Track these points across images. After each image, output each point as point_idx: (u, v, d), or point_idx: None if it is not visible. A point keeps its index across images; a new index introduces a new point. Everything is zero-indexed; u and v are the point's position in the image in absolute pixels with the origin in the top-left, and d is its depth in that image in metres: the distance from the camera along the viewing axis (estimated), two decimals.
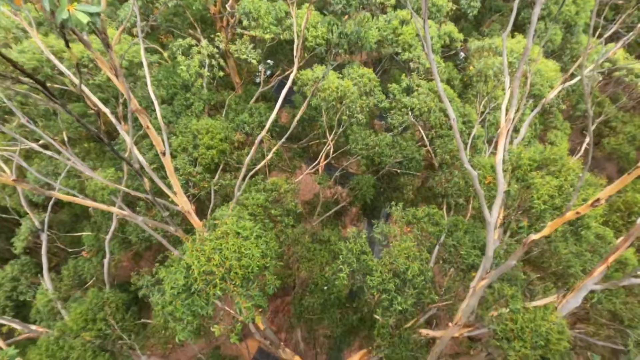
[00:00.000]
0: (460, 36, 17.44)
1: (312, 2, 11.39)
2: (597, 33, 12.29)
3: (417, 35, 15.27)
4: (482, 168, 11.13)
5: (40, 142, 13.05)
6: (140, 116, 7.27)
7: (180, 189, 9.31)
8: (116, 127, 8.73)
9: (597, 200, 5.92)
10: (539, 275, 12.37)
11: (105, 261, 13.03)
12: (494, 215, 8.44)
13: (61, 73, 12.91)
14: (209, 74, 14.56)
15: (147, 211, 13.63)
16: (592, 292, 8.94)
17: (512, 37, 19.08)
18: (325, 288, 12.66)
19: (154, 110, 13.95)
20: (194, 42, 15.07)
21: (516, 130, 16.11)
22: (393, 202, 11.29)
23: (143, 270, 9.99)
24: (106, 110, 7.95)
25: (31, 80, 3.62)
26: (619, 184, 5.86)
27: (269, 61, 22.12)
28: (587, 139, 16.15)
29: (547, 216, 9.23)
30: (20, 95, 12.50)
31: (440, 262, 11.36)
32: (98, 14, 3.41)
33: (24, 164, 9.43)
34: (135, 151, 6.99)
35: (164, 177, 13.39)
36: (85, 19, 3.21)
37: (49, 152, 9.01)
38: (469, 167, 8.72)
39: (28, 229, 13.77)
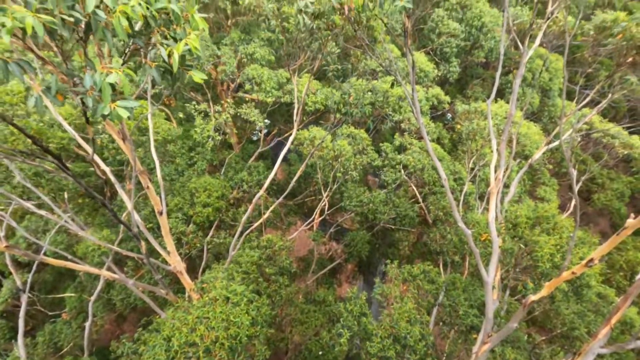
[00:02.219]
0: (447, 98, 18.66)
1: (312, 73, 12.33)
2: (575, 100, 13.28)
3: (405, 98, 16.31)
4: (475, 225, 11.24)
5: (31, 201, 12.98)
6: (142, 177, 7.42)
7: (174, 248, 9.18)
8: (113, 184, 8.84)
9: (591, 260, 5.96)
10: (544, 338, 11.89)
11: (87, 324, 12.28)
12: (491, 275, 8.35)
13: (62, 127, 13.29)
14: (219, 137, 15.23)
15: (135, 271, 13.21)
16: (600, 356, 8.55)
17: (495, 101, 20.46)
18: (320, 354, 11.91)
19: (154, 168, 14.27)
20: (206, 106, 15.98)
21: (506, 186, 16.59)
22: (389, 260, 11.16)
23: (124, 336, 9.40)
24: (113, 178, 8.09)
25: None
26: (610, 244, 5.96)
27: (266, 120, 23.18)
28: (574, 200, 16.58)
29: (551, 275, 9.16)
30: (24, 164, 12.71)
31: (440, 324, 10.93)
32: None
33: (15, 224, 9.31)
34: (136, 216, 7.01)
35: (157, 236, 13.23)
36: (125, 114, 3.46)
37: (43, 212, 8.96)
38: (462, 226, 8.83)
39: (9, 290, 13.13)
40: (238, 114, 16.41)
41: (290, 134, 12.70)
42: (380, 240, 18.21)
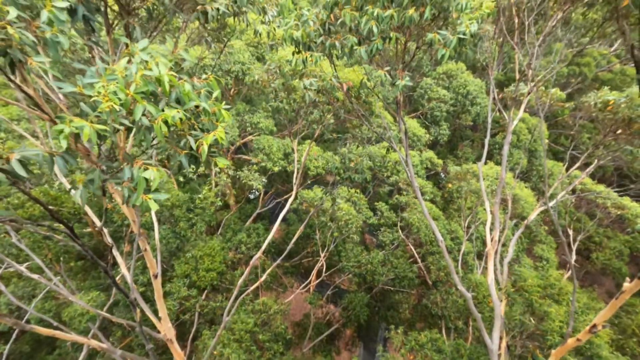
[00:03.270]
0: (440, 162, 19.42)
1: (313, 139, 13.01)
2: (565, 163, 13.86)
3: (401, 161, 16.94)
4: (476, 288, 11.05)
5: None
6: (140, 240, 7.45)
7: (166, 314, 8.84)
8: (112, 246, 8.77)
9: (594, 326, 5.85)
10: None
11: None
12: (495, 342, 8.04)
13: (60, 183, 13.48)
14: (220, 202, 15.51)
15: (122, 339, 12.51)
16: None
17: (485, 163, 21.26)
18: None
19: (151, 228, 14.24)
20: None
21: (504, 244, 16.56)
22: (392, 326, 10.73)
23: None
24: (116, 252, 8.12)
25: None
26: (611, 309, 5.90)
27: (264, 180, 23.70)
28: (573, 258, 16.48)
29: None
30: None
31: None
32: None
33: (4, 289, 9.05)
34: (133, 286, 6.92)
35: (148, 300, 12.75)
36: (155, 207, 3.73)
37: (35, 276, 8.76)
38: (462, 289, 8.71)
39: None
40: (238, 176, 16.88)
41: (289, 195, 12.98)
42: (380, 303, 17.59)
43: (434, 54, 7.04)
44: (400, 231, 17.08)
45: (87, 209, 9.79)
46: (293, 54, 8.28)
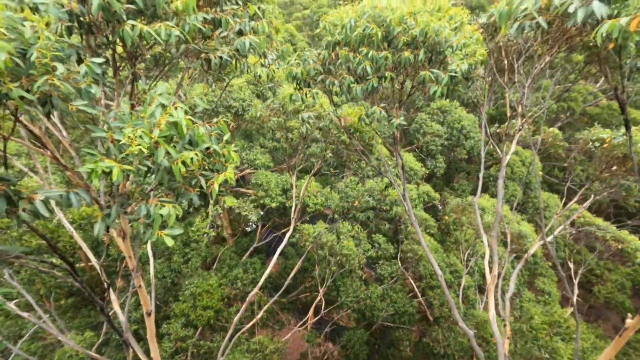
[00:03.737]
0: (437, 195, 19.59)
1: (312, 175, 13.17)
2: (562, 197, 14.04)
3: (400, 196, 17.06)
4: (479, 325, 10.78)
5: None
6: (136, 277, 7.33)
7: (158, 355, 8.51)
8: (107, 283, 8.59)
9: None
10: None
11: None
12: None
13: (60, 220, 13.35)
14: (214, 233, 15.40)
15: None
16: None
17: (480, 196, 21.43)
18: None
19: (146, 263, 13.99)
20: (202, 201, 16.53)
21: (504, 278, 16.33)
22: None
23: None
24: (110, 292, 8.01)
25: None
26: (615, 347, 5.78)
27: (261, 212, 23.60)
28: (575, 294, 16.25)
29: None
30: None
31: None
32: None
33: None
34: (126, 325, 6.75)
35: (141, 338, 12.29)
36: (170, 242, 3.83)
37: (25, 314, 8.50)
38: (463, 327, 8.51)
39: None
40: (234, 208, 16.86)
41: (287, 229, 12.92)
42: (380, 340, 17.00)
43: (427, 90, 7.37)
44: (399, 263, 16.87)
45: (83, 244, 9.69)
46: (294, 90, 8.62)
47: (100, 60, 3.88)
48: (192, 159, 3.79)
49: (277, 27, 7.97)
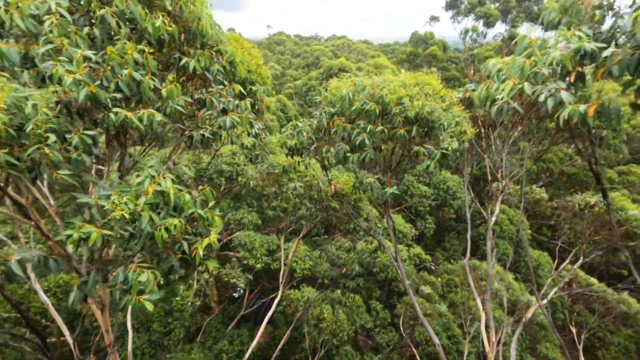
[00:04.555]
0: (428, 257, 19.52)
1: (300, 238, 13.14)
2: (555, 258, 14.09)
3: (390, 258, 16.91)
4: None
5: None
6: (112, 354, 6.85)
7: None
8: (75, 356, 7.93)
9: None
10: None
11: None
12: None
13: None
14: (199, 302, 14.74)
15: None
16: None
17: (470, 258, 21.35)
18: None
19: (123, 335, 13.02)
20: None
21: (505, 344, 15.59)
22: None
23: None
24: None
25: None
26: None
27: (249, 277, 22.77)
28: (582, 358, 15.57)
29: None
30: None
31: None
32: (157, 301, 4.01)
33: None
34: None
35: None
36: (151, 307, 3.78)
37: None
38: None
39: None
40: (220, 274, 16.35)
41: (275, 294, 12.44)
42: None
43: (419, 161, 7.81)
44: (394, 331, 16.11)
45: (57, 316, 9.11)
46: (286, 156, 8.95)
47: (93, 132, 4.10)
48: (175, 225, 3.86)
49: (268, 105, 8.58)
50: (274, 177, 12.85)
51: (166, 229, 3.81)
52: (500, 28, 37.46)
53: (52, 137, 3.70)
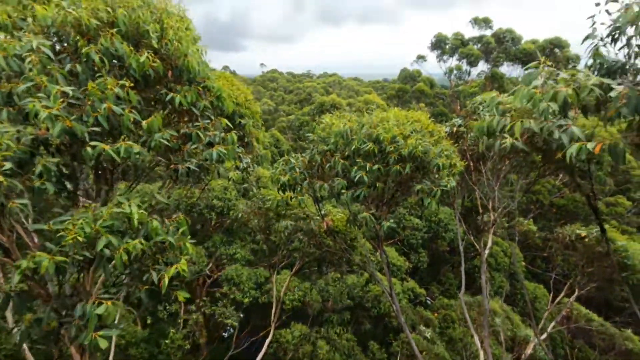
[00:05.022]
0: (423, 291, 19.09)
1: (292, 273, 12.77)
2: (550, 289, 13.84)
3: (383, 292, 16.46)
4: None
5: None
6: None
7: None
8: None
9: None
10: None
11: None
12: None
13: None
14: (188, 345, 14.02)
15: None
16: None
17: (466, 292, 20.90)
18: None
19: None
20: (177, 307, 15.40)
21: None
22: None
23: None
24: None
25: None
26: None
27: (240, 314, 21.82)
28: None
29: None
30: None
31: None
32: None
33: None
34: None
35: None
36: (104, 344, 3.55)
37: None
38: None
39: None
40: (212, 312, 15.65)
41: (267, 331, 11.84)
42: None
43: (410, 192, 7.85)
44: None
45: (30, 356, 8.43)
46: (279, 191, 8.87)
47: (56, 160, 3.99)
48: (135, 246, 3.70)
49: (257, 137, 8.62)
50: (264, 213, 12.70)
51: (128, 253, 3.65)
52: (483, 66, 39.29)
53: (8, 165, 3.60)
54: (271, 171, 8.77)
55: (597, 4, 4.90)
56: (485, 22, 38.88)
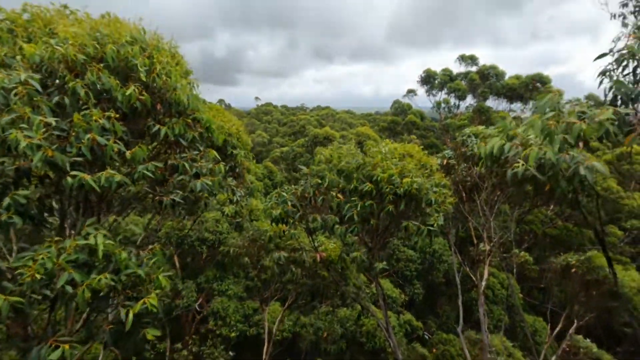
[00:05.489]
0: (419, 324, 18.47)
1: (285, 308, 12.31)
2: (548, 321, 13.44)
3: (378, 325, 15.89)
4: None
5: None
6: None
7: None
8: None
9: None
10: None
11: None
12: None
13: None
14: None
15: None
16: None
17: (464, 325, 20.28)
18: None
19: None
20: (165, 346, 14.70)
21: None
22: None
23: None
24: None
25: None
26: None
27: (230, 353, 20.75)
28: None
29: None
30: None
31: None
32: None
33: None
34: None
35: None
36: None
37: None
38: None
39: None
40: (201, 352, 14.91)
41: None
42: None
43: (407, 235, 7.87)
44: None
45: None
46: (271, 223, 8.75)
47: (26, 192, 3.88)
48: (100, 281, 3.51)
49: (249, 168, 8.61)
50: (257, 246, 12.45)
51: (93, 289, 3.46)
52: (471, 100, 40.72)
53: None
54: (264, 203, 8.74)
55: (603, 55, 4.88)
56: (472, 59, 40.76)
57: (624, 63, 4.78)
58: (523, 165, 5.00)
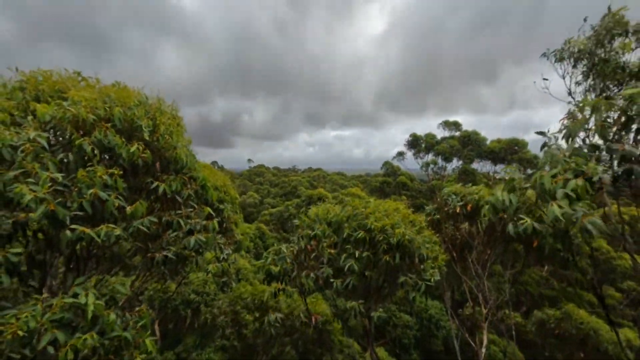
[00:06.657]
0: None
1: None
2: None
3: None
4: None
5: None
6: None
7: None
8: None
9: None
10: None
11: None
12: None
13: None
14: None
15: None
16: None
17: None
18: None
19: None
20: None
21: None
22: None
23: None
24: None
25: None
26: None
27: None
28: None
29: None
30: None
31: None
32: None
33: None
34: None
35: None
36: None
37: None
38: None
39: None
40: None
41: None
42: None
43: (397, 286, 7.72)
44: None
45: None
46: (264, 282, 8.45)
47: (19, 250, 3.83)
48: (85, 341, 3.31)
49: (237, 221, 8.63)
50: (251, 308, 11.87)
51: (76, 350, 3.26)
52: (457, 162, 42.51)
53: None
54: (261, 261, 8.58)
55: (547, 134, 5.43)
56: (455, 125, 43.51)
57: (569, 138, 5.27)
58: (527, 221, 5.13)
